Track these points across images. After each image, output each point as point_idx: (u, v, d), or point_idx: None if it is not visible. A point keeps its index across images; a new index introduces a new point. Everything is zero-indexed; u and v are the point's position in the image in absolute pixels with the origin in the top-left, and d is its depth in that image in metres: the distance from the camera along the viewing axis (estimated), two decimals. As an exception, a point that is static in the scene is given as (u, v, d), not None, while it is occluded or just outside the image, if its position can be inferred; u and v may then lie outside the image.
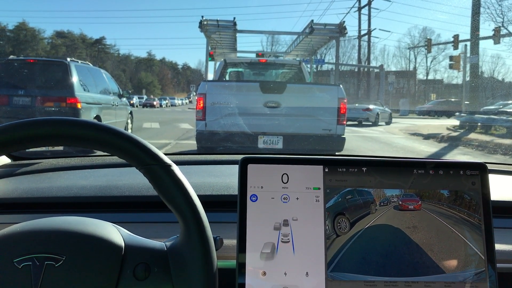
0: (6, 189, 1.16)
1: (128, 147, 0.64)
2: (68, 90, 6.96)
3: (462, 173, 0.77)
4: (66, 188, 1.14)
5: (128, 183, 1.15)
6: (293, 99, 5.61)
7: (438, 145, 11.11)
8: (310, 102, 5.71)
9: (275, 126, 5.49)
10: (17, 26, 58.10)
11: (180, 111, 27.82)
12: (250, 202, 0.75)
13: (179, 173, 0.66)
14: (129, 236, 0.71)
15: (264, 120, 5.48)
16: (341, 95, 5.60)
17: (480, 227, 0.75)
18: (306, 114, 5.60)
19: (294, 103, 5.60)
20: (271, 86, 5.72)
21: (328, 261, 0.74)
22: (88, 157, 1.53)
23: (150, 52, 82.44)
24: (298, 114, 5.59)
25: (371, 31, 37.21)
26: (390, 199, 0.76)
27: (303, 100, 5.69)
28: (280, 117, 5.51)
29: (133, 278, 0.65)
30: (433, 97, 40.11)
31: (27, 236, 0.66)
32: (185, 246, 0.66)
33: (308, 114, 5.60)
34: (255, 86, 5.67)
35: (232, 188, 1.11)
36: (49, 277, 0.62)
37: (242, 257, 0.73)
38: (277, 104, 5.47)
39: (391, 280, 0.73)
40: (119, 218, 1.02)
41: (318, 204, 0.76)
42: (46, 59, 8.33)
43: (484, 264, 0.74)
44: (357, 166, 0.77)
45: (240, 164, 0.76)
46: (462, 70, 20.00)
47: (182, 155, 1.59)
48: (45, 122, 0.63)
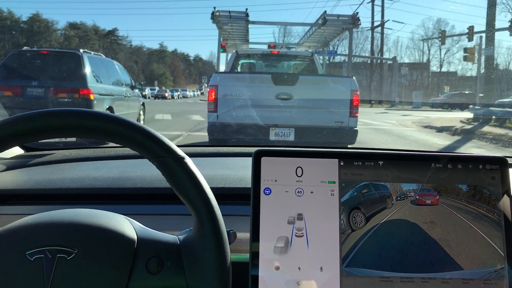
0: (18, 180, 1.17)
1: (141, 139, 0.64)
2: (81, 81, 6.94)
3: (482, 167, 0.76)
4: (78, 179, 1.13)
5: (141, 175, 1.14)
6: (305, 91, 5.56)
7: (452, 138, 11.00)
8: (322, 94, 5.67)
9: (287, 118, 5.46)
10: (31, 18, 58.60)
11: (191, 103, 27.86)
12: (264, 196, 0.74)
13: (192, 165, 0.65)
14: (141, 229, 0.70)
15: (276, 112, 5.46)
16: (354, 87, 5.55)
17: (500, 223, 0.74)
18: (318, 106, 5.55)
19: (307, 95, 5.56)
20: (283, 78, 5.72)
21: (343, 256, 0.72)
22: (101, 149, 1.53)
23: (162, 43, 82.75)
24: (310, 106, 5.56)
25: (384, 22, 36.90)
26: (407, 194, 0.74)
27: (315, 92, 5.65)
28: (292, 109, 5.48)
29: (145, 272, 0.65)
30: (447, 89, 39.69)
31: (40, 229, 0.66)
32: (198, 240, 0.65)
33: (320, 106, 5.55)
34: (267, 78, 5.64)
35: (245, 181, 1.10)
36: (61, 270, 0.62)
37: (255, 247, 0.72)
38: (289, 96, 5.44)
39: (407, 276, 0.72)
40: (132, 210, 1.02)
41: (333, 198, 0.74)
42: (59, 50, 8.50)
43: (504, 261, 0.72)
44: (373, 159, 0.76)
45: (254, 156, 0.75)
46: (477, 62, 19.77)
47: (194, 147, 1.59)
48: (58, 113, 0.62)
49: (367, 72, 40.78)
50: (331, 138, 5.52)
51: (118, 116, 0.64)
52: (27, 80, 6.96)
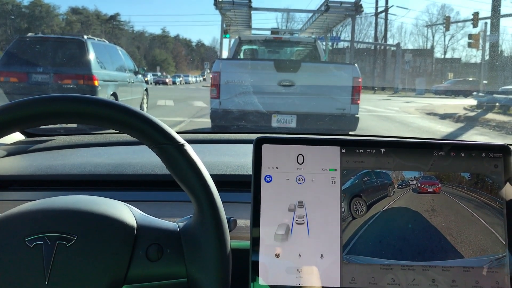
0: (19, 166, 1.17)
1: (141, 126, 0.63)
2: (85, 68, 6.96)
3: (485, 155, 0.75)
4: (79, 165, 1.13)
5: (142, 161, 1.14)
6: (307, 78, 5.58)
7: (455, 125, 10.97)
8: (324, 81, 5.67)
9: (289, 105, 5.47)
10: (32, 2, 58.22)
11: (194, 89, 27.80)
12: (265, 183, 0.74)
13: (192, 152, 0.65)
14: (141, 216, 0.70)
15: (278, 99, 5.48)
16: (356, 74, 5.56)
17: (502, 211, 0.73)
18: (320, 93, 5.58)
19: (309, 82, 5.57)
20: (285, 65, 5.74)
21: (344, 243, 0.72)
22: (102, 135, 1.52)
23: (165, 29, 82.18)
24: (312, 93, 5.58)
25: (388, 8, 36.62)
26: (408, 182, 0.74)
27: (317, 79, 5.66)
28: (294, 96, 5.49)
29: (145, 259, 0.65)
30: (450, 76, 39.49)
31: (39, 215, 0.65)
32: (198, 227, 0.65)
33: (322, 93, 5.58)
34: (270, 64, 5.62)
35: (246, 168, 1.10)
36: (61, 257, 0.62)
37: (256, 233, 0.72)
38: (291, 83, 5.45)
39: (408, 264, 0.72)
40: (132, 197, 1.02)
41: (334, 186, 0.74)
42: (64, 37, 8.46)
43: (505, 249, 0.72)
44: (375, 147, 0.75)
45: (255, 144, 0.75)
46: (481, 48, 19.63)
47: (195, 133, 1.58)
48: (58, 99, 0.62)
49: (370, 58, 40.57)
50: (333, 125, 5.54)
51: (117, 102, 0.64)
52: (32, 66, 6.96)
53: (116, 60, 8.47)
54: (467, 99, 19.12)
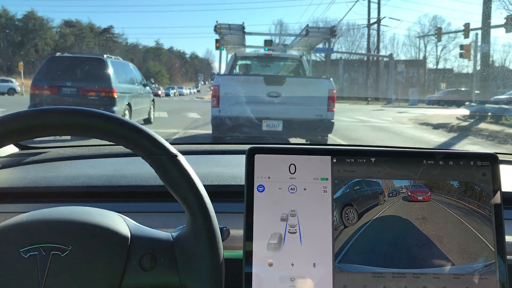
0: (13, 179, 1.17)
1: (134, 137, 0.64)
2: (106, 82, 8.19)
3: (473, 164, 0.76)
4: (73, 177, 1.14)
5: (135, 173, 1.14)
6: (291, 90, 6.59)
7: (448, 135, 11.02)
8: (305, 92, 6.72)
9: (276, 112, 6.46)
10: (26, 15, 58.18)
11: (188, 101, 27.80)
12: (257, 193, 0.75)
13: (185, 163, 0.66)
14: (135, 226, 0.71)
15: (267, 107, 6.45)
16: (331, 86, 6.60)
17: (490, 218, 0.74)
18: (301, 102, 6.60)
19: (292, 93, 6.58)
20: (273, 79, 6.77)
21: (336, 252, 0.73)
22: (95, 147, 1.53)
23: (158, 41, 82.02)
24: (295, 102, 6.59)
25: (381, 19, 36.92)
26: (399, 190, 0.75)
27: (299, 90, 6.70)
28: (280, 104, 6.48)
29: (139, 269, 0.65)
30: (443, 86, 39.72)
31: (34, 226, 0.66)
32: (191, 237, 0.66)
33: (304, 102, 6.61)
34: (260, 79, 6.67)
35: (239, 178, 1.11)
36: (55, 267, 0.62)
37: (249, 246, 0.73)
38: (278, 94, 6.46)
39: (400, 271, 0.72)
40: (126, 208, 1.02)
41: (326, 195, 0.75)
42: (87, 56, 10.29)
43: (494, 256, 0.73)
44: (365, 156, 0.76)
45: (247, 154, 0.76)
46: (473, 59, 19.77)
47: (189, 144, 1.59)
48: (52, 111, 0.63)
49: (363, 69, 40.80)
50: (312, 128, 6.61)
51: (111, 114, 0.64)
52: (61, 81, 8.22)
53: (129, 74, 9.74)
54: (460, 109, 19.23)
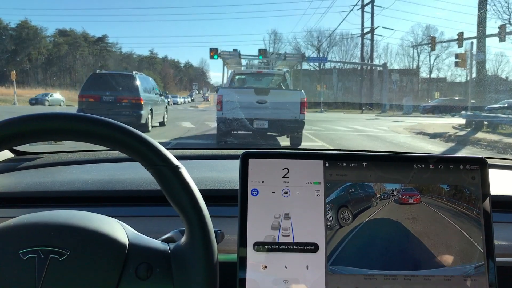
0: (9, 184, 1.17)
1: (138, 147, 0.65)
2: (135, 92, 11.14)
3: (462, 167, 0.78)
4: (69, 182, 1.14)
5: (130, 178, 1.15)
6: (274, 98, 9.08)
7: (446, 145, 11.03)
8: (284, 99, 9.24)
9: (263, 114, 8.83)
10: (20, 24, 58.01)
11: (182, 109, 27.76)
12: (251, 197, 0.76)
13: (187, 175, 0.67)
14: (133, 234, 0.71)
15: (257, 111, 8.81)
16: (303, 96, 9.08)
17: (479, 221, 0.76)
18: (281, 107, 8.95)
19: (275, 100, 9.05)
20: (261, 90, 9.28)
21: (328, 254, 0.74)
22: (91, 152, 1.53)
23: (153, 50, 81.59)
24: (277, 107, 8.91)
25: (374, 29, 37.19)
26: (390, 193, 0.76)
27: (280, 98, 9.27)
28: (266, 109, 8.88)
29: (135, 277, 0.65)
30: (437, 95, 39.91)
31: (34, 228, 0.66)
32: (188, 250, 0.66)
33: (283, 107, 8.96)
34: (251, 90, 9.30)
35: (234, 182, 1.12)
36: (53, 271, 0.63)
37: (243, 252, 0.74)
38: (264, 101, 8.91)
39: (391, 273, 0.74)
40: (121, 212, 1.03)
41: (319, 198, 0.76)
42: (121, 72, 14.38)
43: (484, 258, 0.75)
44: (357, 160, 0.78)
45: (241, 158, 0.77)
46: (468, 68, 19.84)
47: (184, 149, 1.60)
48: (57, 116, 0.64)
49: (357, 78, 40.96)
50: (289, 125, 8.96)
51: (116, 122, 0.66)
52: (102, 91, 11.03)
53: (150, 86, 12.78)
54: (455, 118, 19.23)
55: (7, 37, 55.76)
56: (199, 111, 26.08)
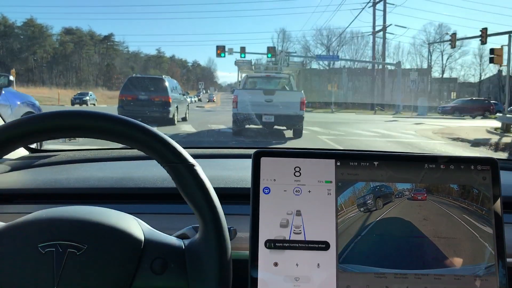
0: (24, 180, 1.19)
1: (155, 144, 0.66)
2: (164, 92, 13.22)
3: (473, 168, 0.78)
4: (83, 179, 1.16)
5: (144, 175, 1.17)
6: (279, 98, 11.03)
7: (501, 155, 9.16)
8: (287, 99, 11.23)
9: (270, 111, 10.68)
10: (25, 23, 58.15)
11: (187, 109, 27.38)
12: (263, 195, 0.77)
13: (202, 173, 0.68)
14: (149, 230, 0.73)
15: (265, 107, 10.69)
16: (302, 96, 11.02)
17: (490, 221, 0.76)
18: (285, 105, 10.78)
19: (280, 99, 10.95)
20: (268, 91, 11.24)
21: (339, 252, 0.75)
22: (104, 150, 1.55)
23: (160, 49, 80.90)
24: (281, 105, 10.79)
25: (386, 27, 36.93)
26: (403, 193, 0.77)
27: (284, 98, 11.24)
28: (273, 106, 10.76)
29: (150, 272, 0.67)
30: (453, 95, 39.40)
31: (53, 223, 0.68)
32: (202, 246, 0.68)
33: (286, 105, 10.77)
34: (261, 91, 11.25)
35: (246, 181, 1.13)
36: (70, 265, 0.64)
37: (254, 250, 0.75)
38: (271, 100, 10.80)
39: (401, 272, 0.74)
40: (135, 209, 1.04)
41: (330, 197, 0.77)
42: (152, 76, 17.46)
43: (494, 258, 0.75)
44: (369, 160, 0.78)
45: (253, 157, 0.78)
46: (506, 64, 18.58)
47: (196, 148, 1.61)
48: (73, 114, 0.65)
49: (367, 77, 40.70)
50: (291, 120, 10.79)
51: (133, 120, 0.67)
52: (137, 91, 13.21)
53: (175, 87, 14.73)
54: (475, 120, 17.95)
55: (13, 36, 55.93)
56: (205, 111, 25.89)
